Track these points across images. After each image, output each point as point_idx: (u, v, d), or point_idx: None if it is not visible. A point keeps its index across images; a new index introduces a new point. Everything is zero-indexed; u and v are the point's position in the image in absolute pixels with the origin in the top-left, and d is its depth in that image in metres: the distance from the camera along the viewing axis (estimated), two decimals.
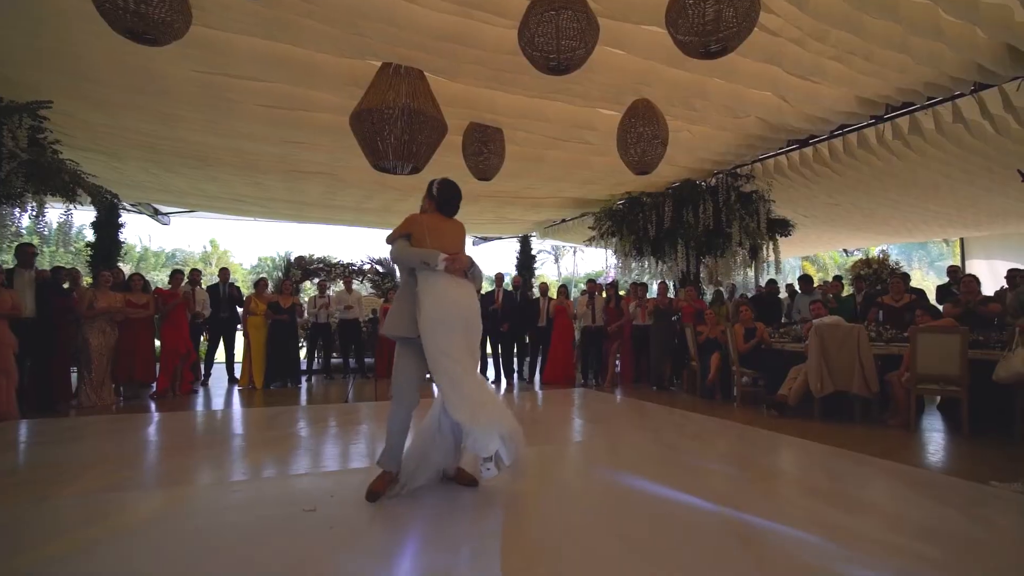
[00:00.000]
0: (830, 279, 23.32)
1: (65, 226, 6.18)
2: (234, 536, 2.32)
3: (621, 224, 8.73)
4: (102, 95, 4.94)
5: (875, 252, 20.14)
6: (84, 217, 9.32)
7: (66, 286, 6.16)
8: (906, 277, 7.42)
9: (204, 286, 8.01)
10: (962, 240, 13.33)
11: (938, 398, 5.60)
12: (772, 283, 8.04)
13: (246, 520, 2.51)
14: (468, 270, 2.80)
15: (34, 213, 5.49)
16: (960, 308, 5.45)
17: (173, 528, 2.42)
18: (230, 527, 2.43)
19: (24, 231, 5.66)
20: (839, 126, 6.11)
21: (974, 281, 5.69)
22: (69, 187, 5.51)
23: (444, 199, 2.95)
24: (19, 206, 5.21)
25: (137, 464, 3.63)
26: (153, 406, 6.11)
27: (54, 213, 5.91)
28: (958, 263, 12.51)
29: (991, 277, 10.97)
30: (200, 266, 28.67)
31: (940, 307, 5.88)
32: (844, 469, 3.59)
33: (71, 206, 5.87)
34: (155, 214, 11.75)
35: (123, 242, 9.95)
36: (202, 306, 7.55)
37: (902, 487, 3.23)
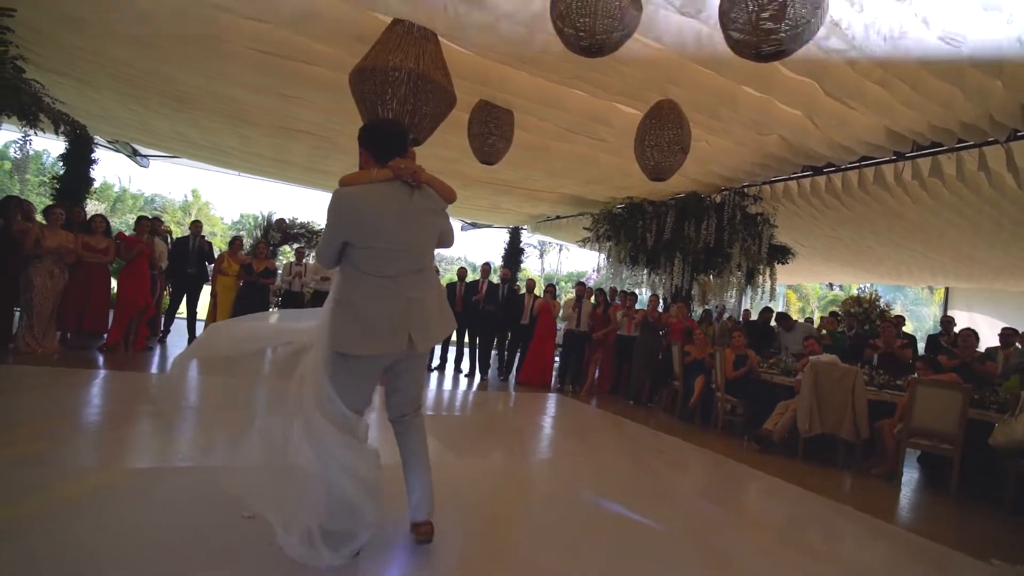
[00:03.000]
0: (812, 311, 23.36)
1: (21, 152, 5.62)
2: (152, 546, 1.95)
3: (619, 229, 8.43)
4: (75, 11, 4.40)
5: (856, 289, 20.40)
6: (56, 148, 8.70)
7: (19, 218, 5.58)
8: (899, 322, 7.29)
9: (173, 237, 7.50)
10: (947, 289, 13.42)
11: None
12: (767, 311, 7.84)
13: (171, 522, 2.14)
14: None
15: None
16: (957, 362, 5.30)
17: (79, 525, 2.04)
18: (151, 529, 2.06)
19: None
20: (860, 158, 5.88)
21: (972, 337, 5.54)
22: (28, 109, 4.96)
23: None
24: None
25: (60, 433, 3.18)
26: (100, 360, 5.63)
27: (6, 137, 5.36)
28: (938, 309, 12.60)
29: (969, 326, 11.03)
30: (179, 215, 27.65)
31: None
32: (823, 519, 3.41)
33: (30, 132, 5.31)
34: (133, 154, 11.08)
35: (94, 179, 9.33)
36: (158, 258, 6.96)
37: (885, 548, 3.02)
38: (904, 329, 7.39)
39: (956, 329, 6.62)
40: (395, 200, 2.00)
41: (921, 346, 7.47)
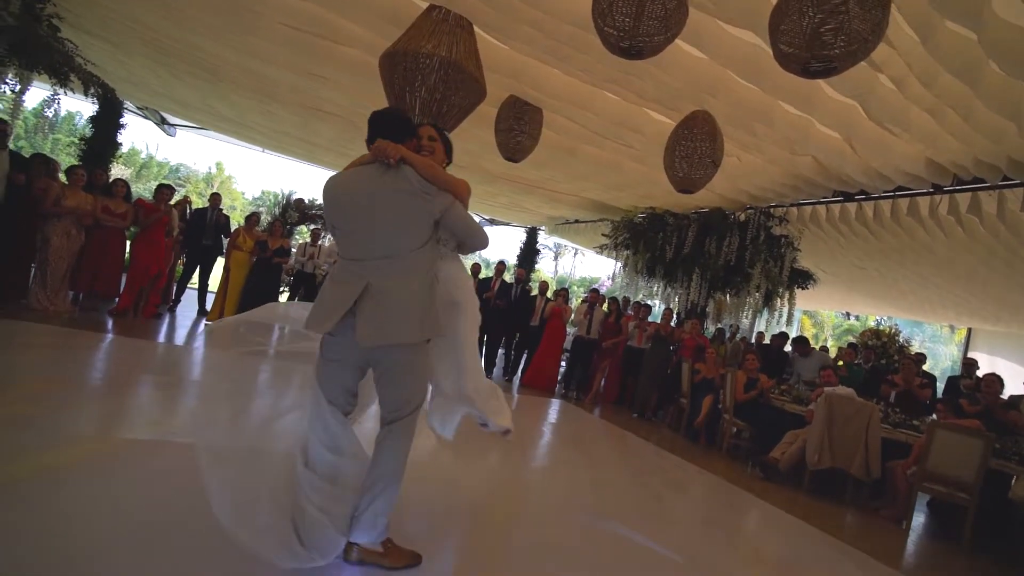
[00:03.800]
0: (825, 338, 22.93)
1: (50, 111, 5.64)
2: (133, 522, 1.88)
3: (638, 238, 8.29)
4: None
5: (874, 321, 19.97)
6: (88, 111, 8.78)
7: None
8: (920, 359, 7.06)
9: (192, 207, 7.50)
10: (970, 330, 13.05)
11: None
12: (783, 336, 7.65)
13: (157, 499, 2.08)
14: None
15: (16, 87, 4.95)
16: (979, 408, 5.09)
17: (63, 494, 1.98)
18: (136, 504, 1.99)
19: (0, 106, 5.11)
20: (895, 187, 5.68)
21: (997, 383, 5.31)
22: (60, 68, 4.95)
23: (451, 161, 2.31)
24: None
25: (55, 396, 3.14)
26: (109, 324, 5.64)
27: (37, 94, 5.38)
28: (957, 349, 12.26)
29: (991, 370, 10.69)
30: (202, 186, 27.95)
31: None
32: (826, 558, 3.28)
33: (60, 90, 5.32)
34: (162, 122, 11.17)
35: (121, 143, 9.40)
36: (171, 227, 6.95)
37: None
38: (924, 367, 7.15)
39: (979, 373, 6.38)
40: (369, 182, 1.90)
41: (940, 386, 7.22)
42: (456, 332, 2.15)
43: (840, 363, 6.93)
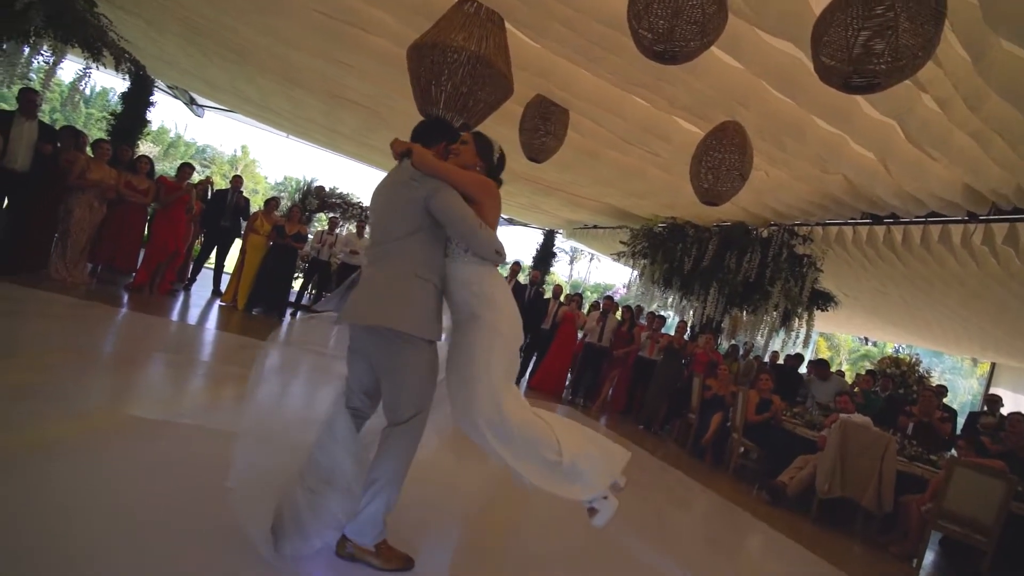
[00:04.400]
0: (841, 362, 22.46)
1: (83, 85, 5.71)
2: (124, 502, 1.85)
3: (657, 248, 8.16)
4: None
5: (892, 348, 19.49)
6: (122, 88, 8.90)
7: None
8: (941, 391, 6.84)
9: (214, 188, 7.56)
10: (993, 365, 12.67)
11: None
12: (799, 358, 7.47)
13: (153, 480, 2.05)
14: None
15: (50, 60, 5.01)
16: (1002, 447, 4.90)
17: (57, 467, 1.95)
18: (130, 483, 1.96)
19: (33, 76, 5.18)
20: (928, 212, 5.49)
21: (1022, 423, 5.11)
22: (93, 43, 5.00)
23: (498, 172, 2.18)
24: (32, 48, 4.70)
25: (64, 367, 3.15)
26: (124, 299, 5.69)
27: (71, 68, 5.44)
28: (978, 384, 11.90)
29: (1014, 408, 10.36)
30: (226, 168, 28.32)
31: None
32: None
33: (92, 65, 5.37)
34: (191, 102, 11.31)
35: (150, 121, 9.52)
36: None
37: None
38: (945, 400, 6.93)
39: (1004, 411, 6.16)
40: (385, 178, 2.06)
41: (960, 421, 6.99)
42: (472, 347, 1.92)
43: (856, 389, 6.74)
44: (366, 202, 10.72)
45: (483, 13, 3.57)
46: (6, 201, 5.32)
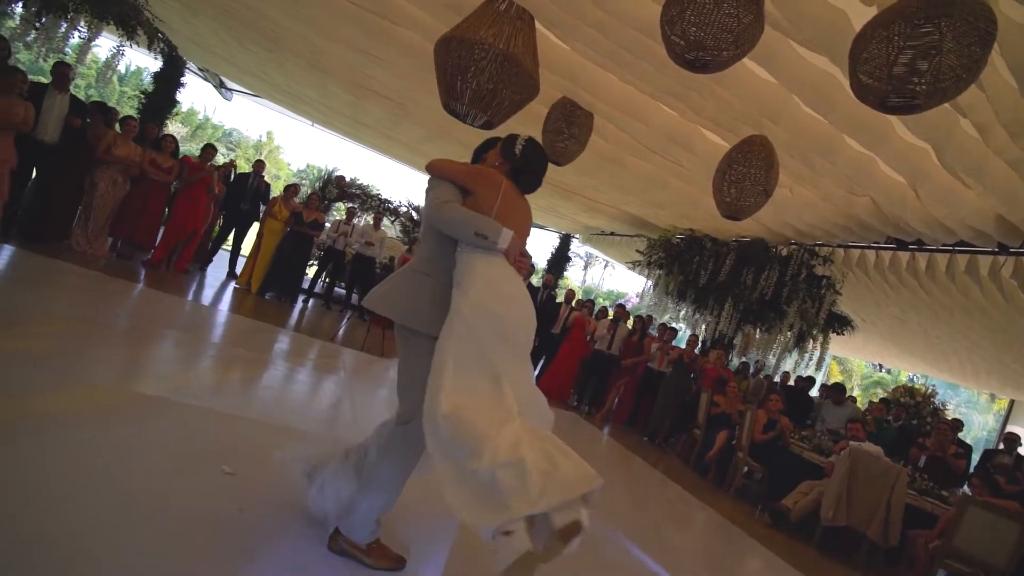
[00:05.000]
0: (852, 387, 22.04)
1: (118, 62, 5.79)
2: (114, 475, 1.84)
3: (673, 260, 8.06)
4: None
5: (906, 377, 19.04)
6: (155, 68, 9.02)
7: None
8: (956, 426, 6.65)
9: (236, 171, 7.64)
10: (1012, 402, 12.33)
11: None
12: (810, 380, 7.33)
13: (147, 460, 2.04)
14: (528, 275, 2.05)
15: (85, 36, 5.09)
16: (1017, 488, 4.75)
17: (50, 439, 1.95)
18: (119, 458, 1.96)
19: (68, 51, 5.25)
20: (956, 241, 5.34)
21: None
22: (128, 21, 5.07)
23: (526, 165, 2.01)
24: (69, 23, 4.78)
25: (74, 337, 3.18)
26: (141, 275, 5.76)
27: (108, 47, 5.52)
28: (994, 420, 11.58)
29: None
30: (251, 152, 28.66)
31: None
32: None
33: (125, 43, 5.45)
34: (220, 85, 11.44)
35: (179, 101, 9.65)
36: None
37: None
38: (960, 435, 6.73)
39: (1022, 450, 5.98)
40: None
41: (975, 457, 6.79)
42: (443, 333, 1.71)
43: (868, 417, 6.58)
44: (385, 194, 10.78)
45: (514, 11, 3.53)
46: (34, 172, 5.41)
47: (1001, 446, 6.71)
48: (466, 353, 1.64)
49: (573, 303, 8.24)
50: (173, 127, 9.98)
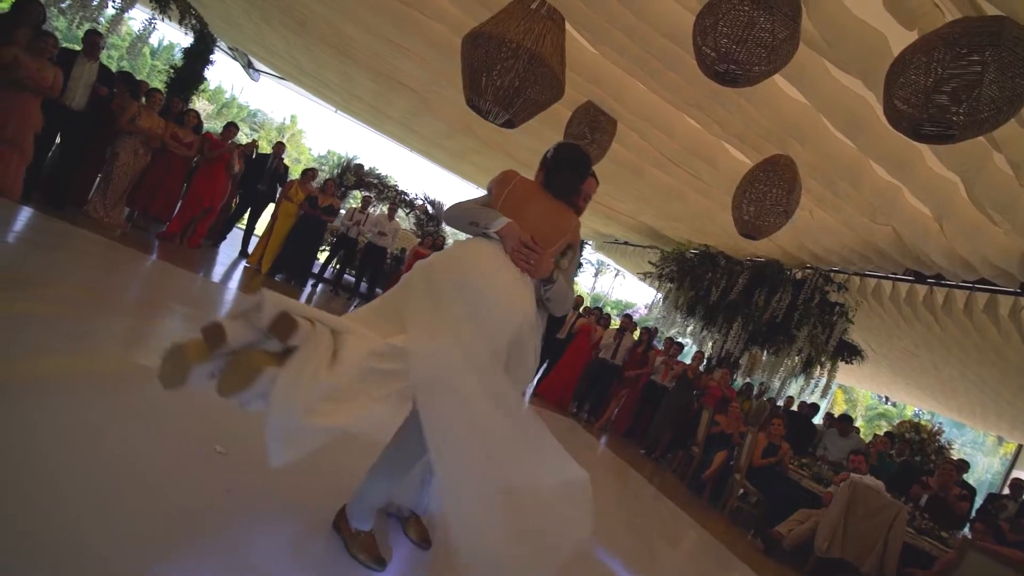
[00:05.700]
0: (857, 418, 21.72)
1: (143, 36, 5.83)
2: (106, 443, 1.83)
3: (685, 274, 7.98)
4: None
5: (912, 412, 18.72)
6: (184, 43, 9.09)
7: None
8: (962, 467, 6.50)
9: (258, 151, 7.66)
10: (1020, 446, 12.08)
11: None
12: (814, 407, 7.22)
13: (140, 437, 2.03)
14: (544, 278, 1.86)
15: (118, 6, 5.13)
16: (1021, 537, 4.61)
17: (45, 404, 1.94)
18: (112, 427, 1.95)
19: (101, 20, 5.30)
20: (977, 279, 5.23)
21: None
22: None
23: (556, 166, 1.98)
24: None
25: (81, 304, 3.17)
26: (155, 246, 5.79)
27: (142, 20, 5.57)
28: (1000, 463, 11.33)
29: None
30: (274, 134, 28.90)
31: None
32: None
33: (157, 16, 5.49)
34: (248, 65, 11.53)
35: (207, 78, 9.73)
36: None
37: None
38: (965, 476, 6.58)
39: None
40: None
41: (978, 501, 6.64)
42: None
43: (871, 450, 6.47)
44: (402, 186, 10.80)
45: (545, 10, 3.49)
46: (59, 137, 5.46)
47: (1007, 491, 6.55)
48: (387, 306, 1.74)
49: (580, 309, 8.18)
50: (200, 104, 10.08)
